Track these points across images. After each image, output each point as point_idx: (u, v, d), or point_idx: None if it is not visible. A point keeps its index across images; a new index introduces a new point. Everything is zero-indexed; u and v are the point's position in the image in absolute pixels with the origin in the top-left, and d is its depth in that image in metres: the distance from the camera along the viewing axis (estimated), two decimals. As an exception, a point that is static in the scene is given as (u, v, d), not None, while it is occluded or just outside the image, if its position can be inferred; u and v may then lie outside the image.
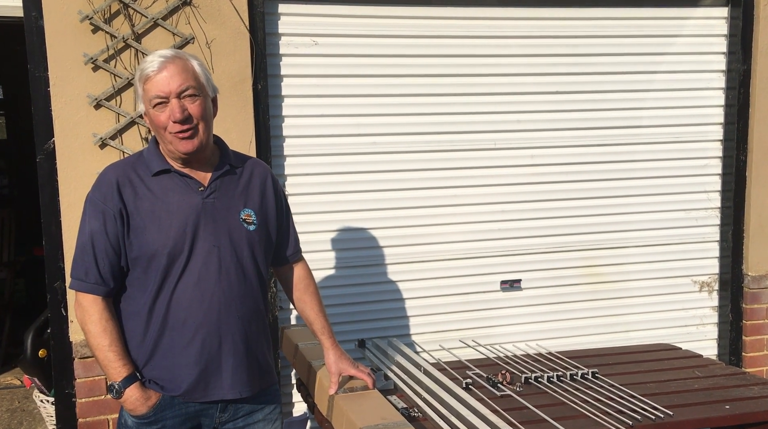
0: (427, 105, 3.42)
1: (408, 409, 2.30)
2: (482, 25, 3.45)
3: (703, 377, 2.70)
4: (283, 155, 3.27)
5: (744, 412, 2.34)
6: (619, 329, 3.78)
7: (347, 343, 2.92)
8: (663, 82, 3.72)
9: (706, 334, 3.92)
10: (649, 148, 3.73)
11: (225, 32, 3.02)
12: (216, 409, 2.00)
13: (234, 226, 1.97)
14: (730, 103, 3.77)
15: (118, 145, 2.93)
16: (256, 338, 2.03)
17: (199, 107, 1.90)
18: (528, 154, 3.58)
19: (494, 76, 3.49)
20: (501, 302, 3.63)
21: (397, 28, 3.35)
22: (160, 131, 1.91)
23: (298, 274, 2.23)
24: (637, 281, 3.79)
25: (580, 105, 3.62)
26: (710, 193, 3.84)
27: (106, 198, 1.91)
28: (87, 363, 2.93)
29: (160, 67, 1.86)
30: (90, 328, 1.91)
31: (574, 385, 2.58)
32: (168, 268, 1.89)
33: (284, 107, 3.26)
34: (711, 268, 3.89)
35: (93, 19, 2.85)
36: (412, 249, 3.48)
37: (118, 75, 2.91)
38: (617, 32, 3.62)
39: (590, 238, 3.70)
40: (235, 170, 2.04)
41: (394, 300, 3.49)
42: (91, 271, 1.91)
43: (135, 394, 1.91)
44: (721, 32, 3.76)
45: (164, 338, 1.93)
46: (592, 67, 3.61)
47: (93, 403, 2.97)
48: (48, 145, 2.91)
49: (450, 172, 3.48)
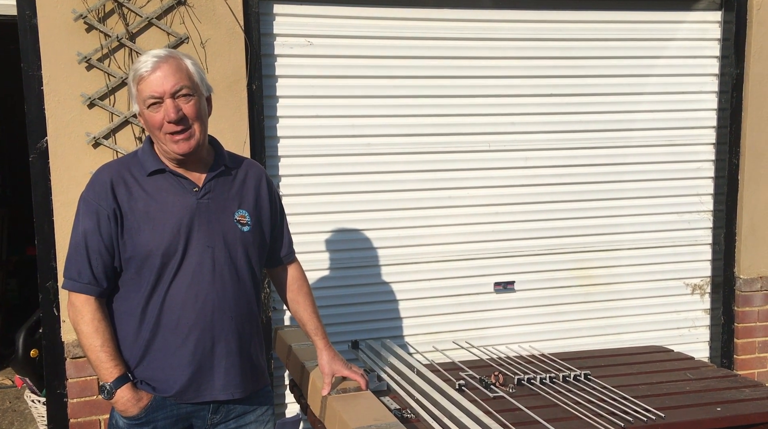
0: (421, 106, 3.43)
1: (401, 410, 2.30)
2: (477, 27, 3.46)
3: (695, 379, 2.71)
4: (277, 156, 3.27)
5: (735, 414, 2.35)
6: (611, 331, 3.80)
7: (340, 344, 2.92)
8: (656, 86, 3.73)
9: (698, 336, 3.93)
10: (642, 151, 3.75)
11: (220, 32, 3.02)
12: (208, 410, 2.00)
13: (228, 227, 1.97)
14: (723, 107, 3.79)
15: (111, 144, 2.92)
16: (249, 339, 2.03)
17: (194, 107, 1.90)
18: (522, 156, 3.59)
19: (488, 78, 3.50)
20: (494, 304, 3.63)
21: (391, 29, 3.35)
22: (154, 132, 1.91)
23: (291, 275, 2.23)
24: (629, 283, 3.80)
25: (573, 108, 3.63)
26: (703, 196, 3.86)
27: (100, 198, 1.90)
28: (79, 363, 2.92)
29: (153, 67, 1.86)
30: (82, 328, 1.90)
31: (567, 386, 2.58)
32: (162, 269, 1.89)
33: (279, 108, 3.26)
34: (703, 271, 3.90)
35: (87, 18, 2.84)
36: (406, 250, 3.49)
37: (112, 74, 2.90)
38: (611, 35, 3.64)
39: (583, 241, 3.71)
40: (229, 171, 2.04)
41: (387, 301, 3.50)
42: (84, 271, 1.90)
43: (126, 395, 1.90)
44: (715, 36, 3.78)
45: (157, 339, 1.92)
46: (585, 70, 3.63)
47: (84, 403, 2.96)
48: (41, 144, 2.90)
49: (444, 173, 3.49)
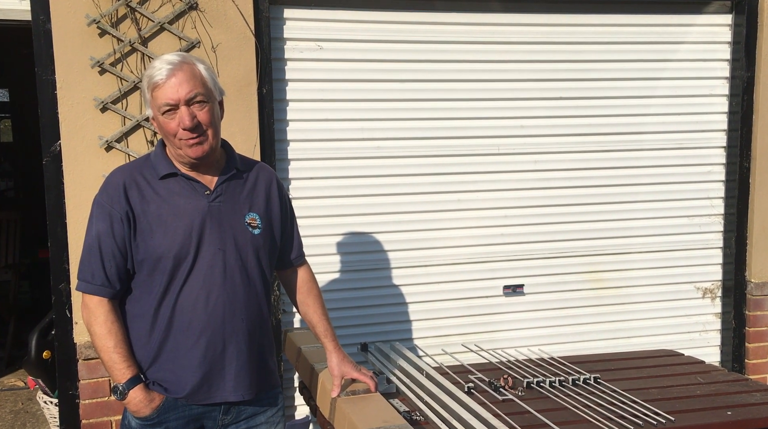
0: (431, 110, 3.43)
1: (410, 413, 2.31)
2: (486, 30, 3.46)
3: (706, 383, 2.70)
4: (287, 159, 3.29)
5: (746, 418, 2.34)
6: (621, 335, 3.78)
7: (350, 346, 2.92)
8: (667, 89, 3.72)
9: (708, 340, 3.91)
10: (652, 155, 3.73)
11: (230, 37, 3.04)
12: (219, 412, 2.01)
13: (239, 230, 1.98)
14: (733, 110, 3.77)
15: (123, 148, 2.94)
16: (259, 341, 2.04)
17: (208, 113, 1.91)
18: (531, 159, 3.59)
19: (498, 81, 3.50)
20: (504, 307, 3.63)
21: (401, 33, 3.36)
22: (169, 137, 1.93)
23: (301, 277, 2.24)
24: (639, 287, 3.79)
25: (583, 111, 3.63)
26: (713, 200, 3.84)
27: (113, 200, 1.92)
28: (91, 364, 2.94)
29: (168, 74, 1.87)
30: (95, 330, 1.92)
31: (577, 390, 2.58)
32: (173, 271, 1.91)
33: (289, 111, 3.27)
34: (714, 275, 3.89)
35: (100, 23, 2.87)
36: (415, 253, 3.49)
37: (124, 78, 2.93)
38: (621, 39, 3.63)
39: (593, 244, 3.71)
40: (241, 174, 2.05)
41: (396, 304, 3.50)
42: (97, 273, 1.92)
43: (139, 395, 1.92)
44: (725, 39, 3.76)
45: (169, 340, 1.94)
46: (595, 73, 3.63)
47: (96, 404, 2.98)
48: (54, 147, 2.92)
49: (453, 176, 3.49)
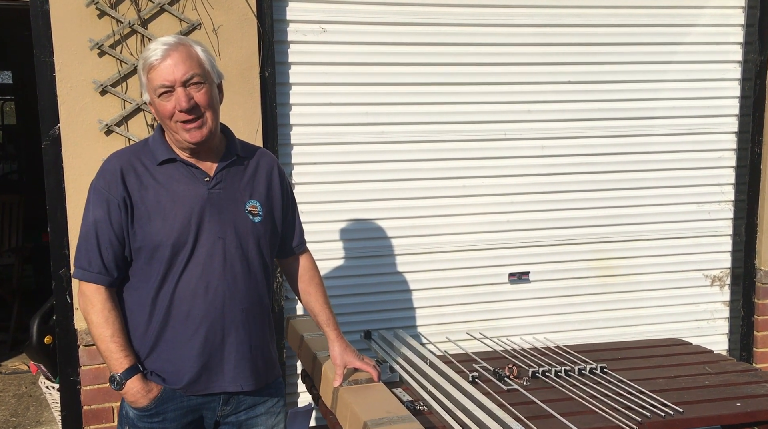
0: (437, 94, 3.38)
1: (413, 402, 2.28)
2: (494, 13, 3.39)
3: (714, 373, 2.66)
4: (290, 144, 3.24)
5: (756, 409, 2.31)
6: (628, 323, 3.75)
7: (353, 334, 2.90)
8: (678, 73, 3.66)
9: (717, 328, 3.87)
10: (662, 140, 3.68)
11: (232, 18, 2.99)
12: (218, 402, 1.99)
13: (239, 218, 1.94)
14: (746, 95, 3.70)
15: (123, 131, 2.90)
16: (260, 331, 2.01)
17: (206, 95, 1.87)
18: (539, 144, 3.53)
19: (505, 65, 3.44)
20: (509, 294, 3.60)
21: (406, 15, 3.30)
22: (166, 121, 1.88)
23: (303, 265, 2.20)
24: (647, 275, 3.75)
25: (591, 95, 3.57)
26: (724, 186, 3.78)
27: (110, 186, 1.88)
28: (92, 350, 2.92)
29: (163, 55, 1.83)
30: (93, 318, 1.89)
31: (583, 379, 2.55)
32: (172, 260, 1.87)
33: (292, 95, 3.22)
34: (723, 263, 3.84)
35: (99, 3, 2.82)
36: (420, 240, 3.45)
37: (124, 61, 2.88)
38: (631, 21, 3.56)
39: (600, 231, 3.66)
40: (241, 161, 2.01)
41: (400, 291, 3.47)
42: (94, 261, 1.88)
43: (136, 386, 1.89)
44: (738, 22, 3.69)
45: (167, 330, 1.90)
46: (605, 56, 3.56)
47: (97, 390, 2.97)
48: (53, 131, 2.89)
49: (459, 162, 3.44)
